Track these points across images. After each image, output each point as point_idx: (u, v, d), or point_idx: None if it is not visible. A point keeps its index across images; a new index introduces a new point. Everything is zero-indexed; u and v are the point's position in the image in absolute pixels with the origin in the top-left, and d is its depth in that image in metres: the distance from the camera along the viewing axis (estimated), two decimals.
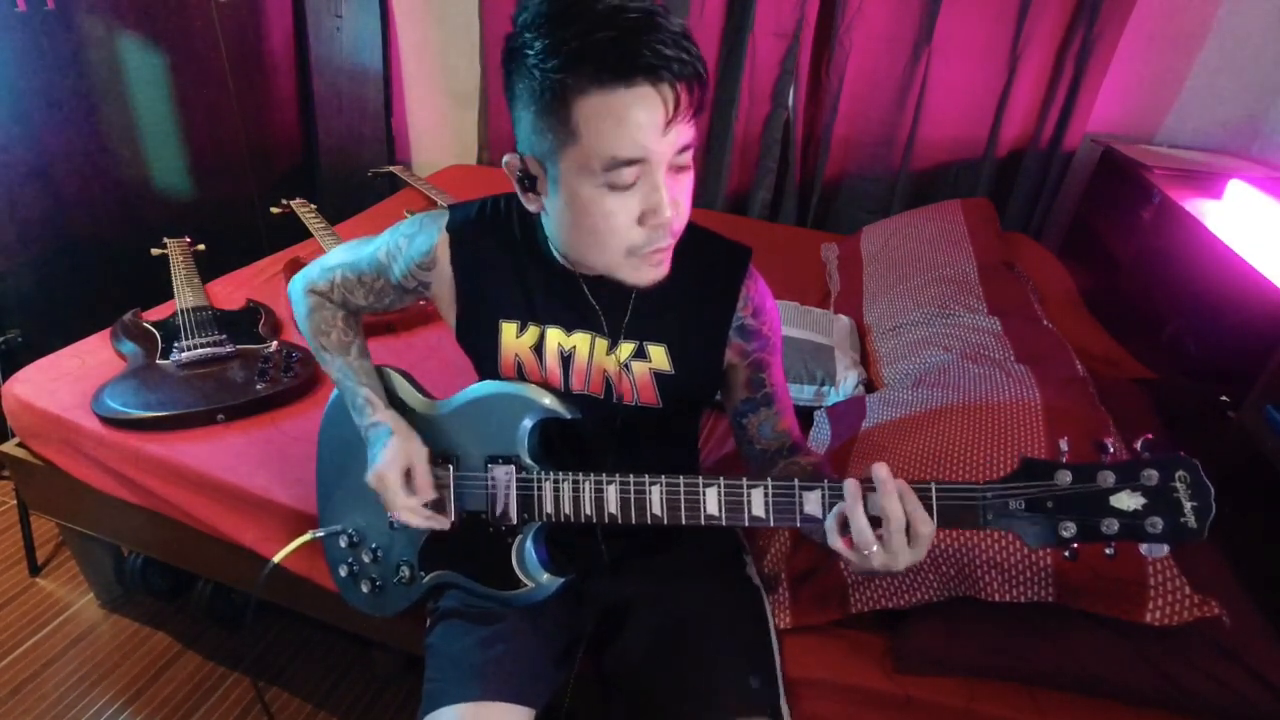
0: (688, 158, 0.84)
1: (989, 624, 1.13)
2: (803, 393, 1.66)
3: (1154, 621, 1.02)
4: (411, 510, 1.04)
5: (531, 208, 0.93)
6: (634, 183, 0.82)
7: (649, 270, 0.89)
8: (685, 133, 0.82)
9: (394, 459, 1.03)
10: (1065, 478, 0.77)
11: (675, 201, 0.84)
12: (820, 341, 1.75)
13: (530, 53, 0.78)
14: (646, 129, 0.78)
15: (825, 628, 1.19)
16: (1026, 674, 1.12)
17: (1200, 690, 1.05)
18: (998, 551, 1.08)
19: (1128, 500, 0.75)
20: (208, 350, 1.66)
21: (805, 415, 1.59)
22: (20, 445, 1.62)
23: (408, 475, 1.04)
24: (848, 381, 1.66)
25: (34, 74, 1.95)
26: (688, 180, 0.87)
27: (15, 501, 1.93)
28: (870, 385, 1.70)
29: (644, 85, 0.76)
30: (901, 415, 1.38)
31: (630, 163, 0.80)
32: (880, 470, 0.81)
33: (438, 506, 1.07)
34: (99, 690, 1.64)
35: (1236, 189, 1.89)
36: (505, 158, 0.90)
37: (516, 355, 1.04)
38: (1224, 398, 1.44)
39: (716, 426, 1.64)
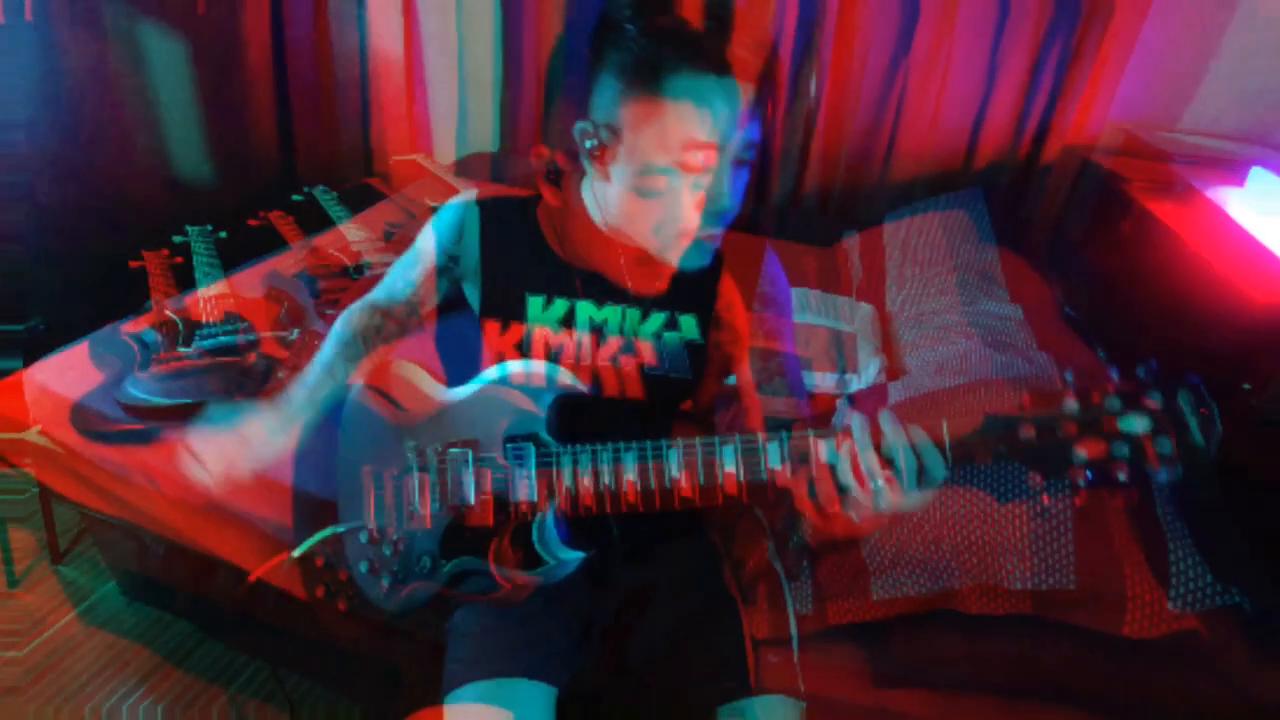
0: (752, 154, 0.89)
1: (966, 637, 1.13)
2: (825, 380, 1.65)
3: (1132, 634, 1.03)
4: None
5: (597, 175, 0.95)
6: (703, 166, 0.86)
7: (695, 255, 0.93)
8: (756, 128, 0.87)
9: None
10: (1072, 405, 0.77)
11: (735, 191, 0.89)
12: (842, 329, 1.75)
13: (631, 28, 0.83)
14: (727, 118, 0.83)
15: (803, 640, 1.18)
16: (1004, 686, 1.12)
17: (1177, 701, 1.06)
18: (975, 565, 1.08)
19: (1135, 423, 0.75)
20: (229, 339, 1.67)
21: (827, 403, 1.60)
22: (41, 433, 1.63)
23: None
24: (870, 369, 1.65)
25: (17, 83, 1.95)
26: (745, 175, 0.91)
27: (37, 489, 1.94)
28: (892, 373, 1.70)
29: (730, 78, 0.82)
30: (923, 400, 1.37)
31: (705, 146, 0.84)
32: (886, 417, 0.82)
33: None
34: (121, 676, 1.65)
35: (1238, 190, 1.86)
36: (578, 124, 0.92)
37: (543, 330, 1.04)
38: (1245, 385, 1.43)
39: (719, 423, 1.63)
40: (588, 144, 0.91)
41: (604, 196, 0.97)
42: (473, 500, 1.07)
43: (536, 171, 0.94)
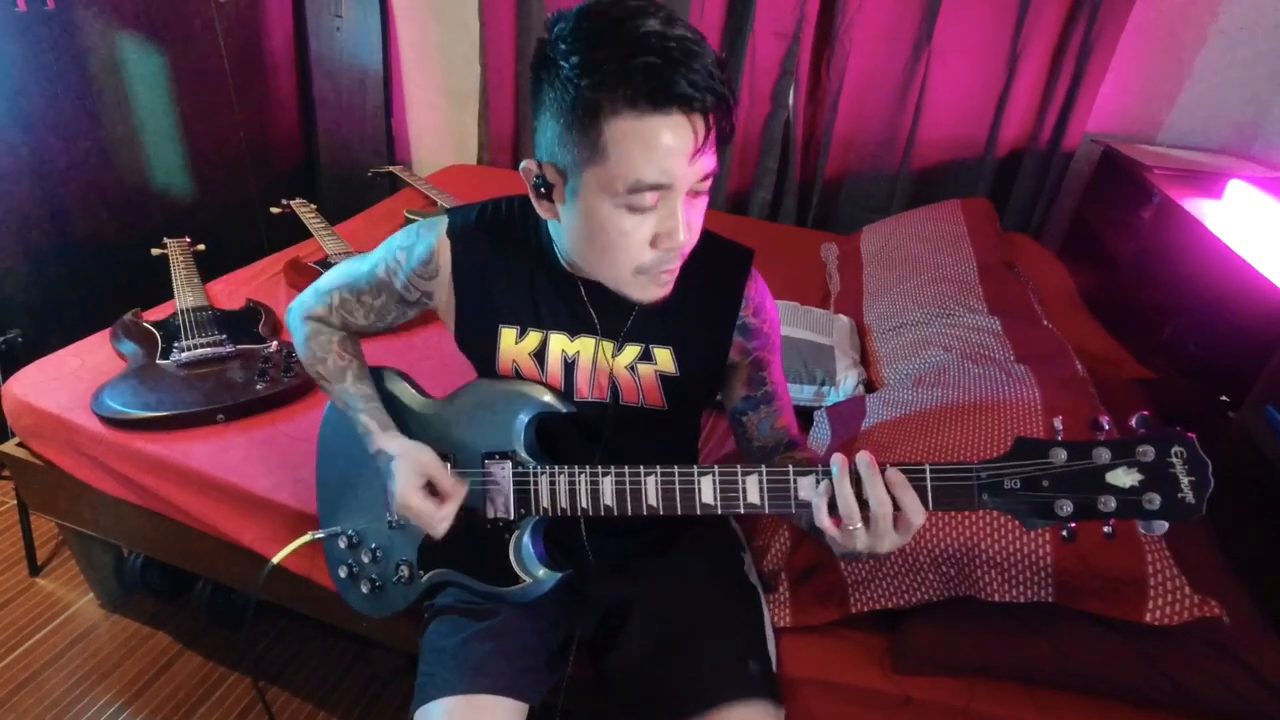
0: (707, 185, 0.85)
1: (989, 624, 1.12)
2: (803, 393, 1.66)
3: (1154, 621, 1.02)
4: (448, 520, 1.03)
5: (545, 215, 0.93)
6: (654, 206, 0.83)
7: (655, 289, 0.90)
8: (709, 161, 0.82)
9: (408, 483, 1.02)
10: (1060, 455, 0.76)
11: (690, 224, 0.85)
12: (820, 341, 1.75)
13: (565, 65, 0.78)
14: (675, 156, 0.79)
15: (825, 628, 1.19)
16: (1026, 673, 1.12)
17: (1200, 690, 1.05)
18: (998, 551, 1.08)
19: (1124, 477, 0.73)
20: (208, 350, 1.66)
21: (805, 415, 1.60)
22: (20, 445, 1.62)
23: (431, 489, 1.03)
24: (848, 381, 1.66)
25: (34, 74, 1.95)
26: (703, 204, 0.88)
27: (15, 501, 1.93)
28: (870, 385, 1.70)
29: (677, 114, 0.77)
30: (901, 415, 1.38)
31: (654, 188, 0.81)
32: (862, 458, 0.82)
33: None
34: (99, 690, 1.64)
35: (1236, 189, 1.89)
36: (523, 163, 0.90)
37: (515, 361, 1.04)
38: (1224, 398, 1.44)
39: (717, 426, 1.64)
40: (534, 182, 0.89)
41: (557, 235, 0.96)
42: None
43: (526, 184, 0.92)
